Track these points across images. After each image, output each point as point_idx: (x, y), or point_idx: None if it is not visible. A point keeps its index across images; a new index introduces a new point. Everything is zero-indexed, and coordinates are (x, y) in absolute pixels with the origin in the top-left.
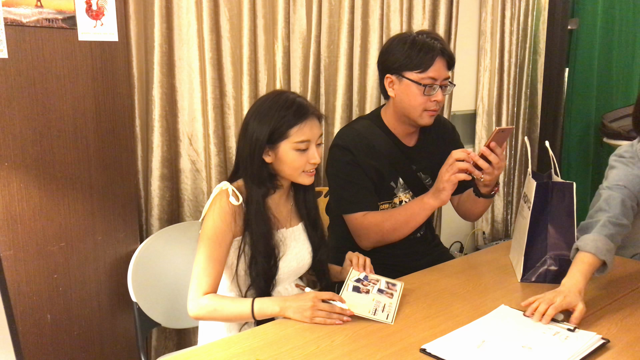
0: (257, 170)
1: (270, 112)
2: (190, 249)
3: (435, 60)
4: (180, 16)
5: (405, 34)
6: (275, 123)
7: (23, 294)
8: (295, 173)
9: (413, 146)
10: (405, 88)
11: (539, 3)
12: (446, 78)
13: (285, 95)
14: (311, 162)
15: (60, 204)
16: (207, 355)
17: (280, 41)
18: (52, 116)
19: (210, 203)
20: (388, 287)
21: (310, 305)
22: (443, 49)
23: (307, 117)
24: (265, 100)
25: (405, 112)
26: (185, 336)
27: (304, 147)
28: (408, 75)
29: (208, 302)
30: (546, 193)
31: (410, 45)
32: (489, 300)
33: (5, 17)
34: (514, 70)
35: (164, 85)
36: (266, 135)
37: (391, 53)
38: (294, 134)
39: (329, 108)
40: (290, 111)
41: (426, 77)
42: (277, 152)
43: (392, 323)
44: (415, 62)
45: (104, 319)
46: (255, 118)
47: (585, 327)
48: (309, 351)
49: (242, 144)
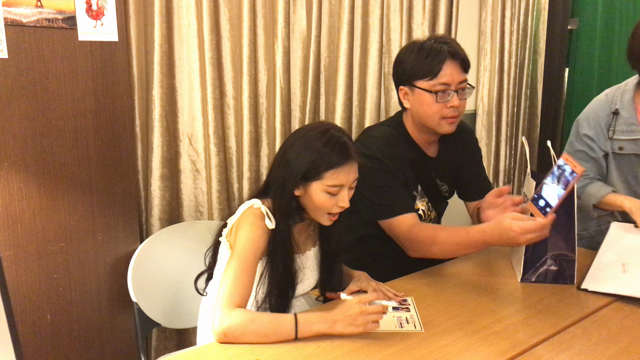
0: (286, 202)
1: (309, 150)
2: (190, 249)
3: (445, 65)
4: (180, 16)
5: (414, 41)
6: (315, 160)
7: (23, 294)
8: (319, 213)
9: (435, 157)
10: (418, 98)
11: (539, 3)
12: (462, 81)
13: (331, 133)
14: (339, 206)
15: (60, 204)
16: (207, 355)
17: (280, 41)
18: (52, 116)
19: (242, 218)
20: (400, 304)
21: (359, 312)
22: (453, 52)
23: (347, 161)
24: (309, 132)
25: (423, 122)
26: (185, 336)
27: (335, 191)
28: (419, 84)
29: (243, 313)
30: None
31: (417, 52)
32: (489, 300)
33: (5, 17)
34: (514, 70)
35: (164, 85)
36: (302, 171)
37: (400, 63)
38: (328, 177)
39: (329, 108)
40: (331, 154)
41: (437, 84)
42: (307, 189)
43: (422, 331)
44: (423, 69)
45: (104, 319)
46: (296, 148)
47: (584, 327)
48: (309, 351)
49: (277, 170)
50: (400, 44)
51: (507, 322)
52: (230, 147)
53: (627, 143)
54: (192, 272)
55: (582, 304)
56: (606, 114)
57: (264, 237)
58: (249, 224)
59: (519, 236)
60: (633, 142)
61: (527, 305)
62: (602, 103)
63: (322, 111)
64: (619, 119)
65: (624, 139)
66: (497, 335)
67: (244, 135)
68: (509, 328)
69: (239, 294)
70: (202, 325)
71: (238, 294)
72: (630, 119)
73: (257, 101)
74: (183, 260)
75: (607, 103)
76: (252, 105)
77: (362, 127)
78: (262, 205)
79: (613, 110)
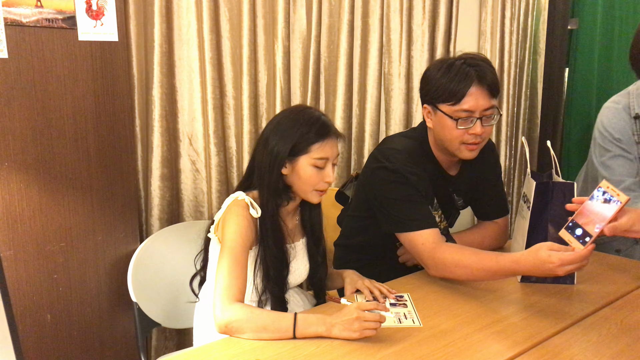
0: (275, 182)
1: (294, 127)
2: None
3: (470, 91)
4: (180, 16)
5: (444, 59)
6: (297, 138)
7: (23, 294)
8: (307, 189)
9: (455, 175)
10: (440, 120)
11: (539, 3)
12: (488, 108)
13: (310, 112)
14: (325, 181)
15: (60, 204)
16: (207, 355)
17: (280, 41)
18: (52, 116)
19: (227, 212)
20: (397, 300)
21: (356, 317)
22: (481, 77)
23: (329, 135)
24: (288, 115)
25: (444, 145)
26: (185, 336)
27: (321, 164)
28: (441, 107)
29: (242, 308)
30: (546, 193)
31: (443, 73)
32: (489, 300)
33: (5, 17)
34: (514, 70)
35: (164, 85)
36: (288, 149)
37: (426, 81)
38: (315, 150)
39: (329, 108)
40: (314, 128)
41: (459, 110)
42: (295, 165)
43: (421, 325)
44: (447, 93)
45: (104, 319)
46: (277, 132)
47: (584, 327)
48: (309, 351)
49: (260, 156)
50: (400, 44)
51: (507, 322)
52: (230, 147)
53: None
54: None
55: (582, 304)
56: (626, 121)
57: (251, 227)
58: (235, 216)
59: (558, 268)
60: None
61: (527, 305)
62: (618, 111)
63: (322, 111)
64: None
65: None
66: (497, 335)
67: (244, 135)
68: (509, 328)
69: (235, 286)
70: (198, 328)
71: (235, 287)
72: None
73: (257, 101)
74: (183, 260)
75: (624, 110)
76: (252, 105)
77: (362, 127)
78: (246, 196)
79: (634, 115)
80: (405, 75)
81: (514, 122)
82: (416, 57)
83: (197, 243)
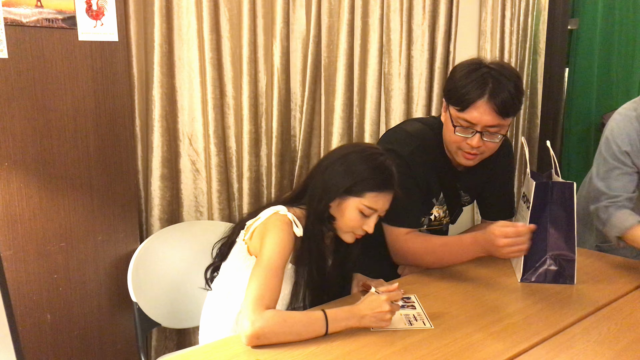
0: (321, 211)
1: (360, 167)
2: (190, 249)
3: (477, 103)
4: (180, 16)
5: (474, 61)
6: (358, 179)
7: (23, 294)
8: (345, 229)
9: (464, 171)
10: (446, 119)
11: (539, 3)
12: (491, 125)
13: (382, 159)
14: (364, 229)
15: (60, 204)
16: (207, 355)
17: (278, 41)
18: (52, 116)
19: (268, 224)
20: (405, 301)
21: (388, 310)
22: (494, 93)
23: (388, 189)
24: (359, 152)
25: (445, 144)
26: (185, 336)
27: (368, 213)
28: (450, 108)
29: (275, 313)
30: (546, 193)
31: (464, 75)
32: (488, 300)
33: (5, 17)
34: None
35: (164, 85)
36: (344, 187)
37: (451, 76)
38: (368, 198)
39: (328, 108)
40: (378, 177)
41: (461, 118)
42: (343, 203)
43: (432, 327)
44: (456, 97)
45: (104, 319)
46: (342, 164)
47: (584, 327)
48: (309, 351)
49: (316, 181)
50: (400, 44)
51: (507, 322)
52: (230, 147)
53: None
54: (192, 272)
55: (582, 304)
56: (636, 130)
57: (291, 244)
58: (278, 230)
59: (497, 239)
60: None
61: (527, 305)
62: (631, 119)
63: (322, 111)
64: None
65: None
66: (497, 334)
67: (243, 135)
68: (509, 328)
69: (269, 297)
70: (206, 321)
71: (268, 297)
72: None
73: (257, 101)
74: (183, 260)
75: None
76: (252, 105)
77: (362, 127)
78: (289, 212)
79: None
80: (405, 75)
81: (514, 122)
82: (416, 57)
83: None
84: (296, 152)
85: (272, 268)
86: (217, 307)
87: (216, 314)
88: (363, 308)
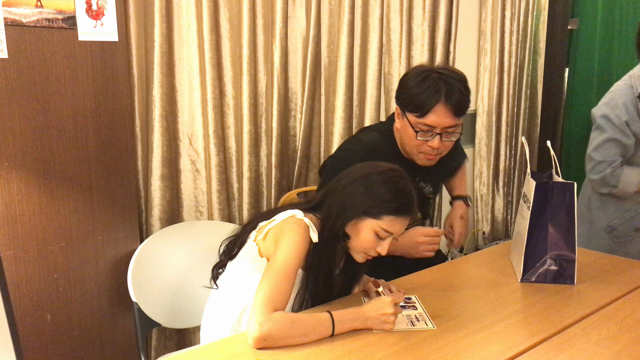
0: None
1: (381, 189)
2: (190, 249)
3: (435, 108)
4: (180, 16)
5: (424, 67)
6: (378, 202)
7: (23, 294)
8: (358, 249)
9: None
10: (404, 126)
11: (539, 3)
12: (450, 126)
13: (404, 183)
14: (377, 250)
15: (60, 204)
16: (207, 355)
17: (278, 41)
18: (52, 116)
19: (284, 227)
20: (406, 302)
21: (392, 312)
22: (448, 96)
23: (406, 215)
24: (382, 173)
25: (405, 148)
26: (185, 336)
27: (384, 236)
28: (408, 115)
29: (283, 315)
30: (546, 193)
31: (418, 83)
32: (488, 300)
33: (5, 17)
34: (514, 70)
35: (164, 85)
36: (363, 209)
37: (402, 85)
38: (386, 222)
39: (329, 108)
40: (399, 202)
41: (422, 123)
42: (359, 223)
43: (435, 328)
44: (414, 104)
45: (104, 319)
46: (363, 183)
47: (584, 327)
48: (309, 351)
49: (335, 198)
50: (400, 44)
51: (507, 322)
52: (230, 147)
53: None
54: (192, 271)
55: (582, 304)
56: (631, 100)
57: (306, 249)
58: (295, 233)
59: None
60: None
61: (527, 305)
62: (624, 90)
63: (322, 111)
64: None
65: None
66: (497, 335)
67: (243, 135)
68: (509, 328)
69: (278, 299)
70: (208, 319)
71: (278, 300)
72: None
73: (256, 101)
74: (183, 260)
75: (629, 89)
76: (251, 105)
77: (362, 127)
78: (305, 217)
79: (637, 95)
80: None
81: (514, 122)
82: (416, 57)
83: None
84: (296, 152)
85: (285, 272)
86: (220, 306)
87: (218, 312)
88: (368, 310)
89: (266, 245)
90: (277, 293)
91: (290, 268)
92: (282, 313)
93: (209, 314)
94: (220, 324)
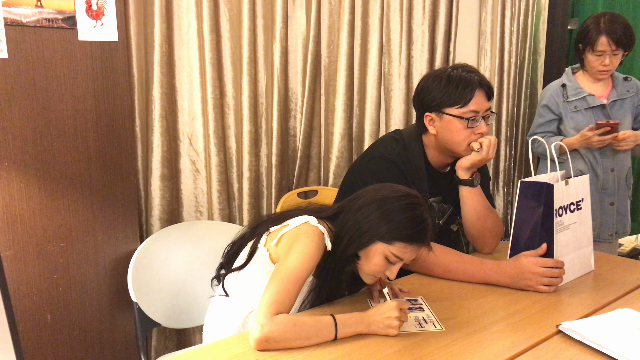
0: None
1: (398, 216)
2: (190, 249)
3: (475, 93)
4: (180, 16)
5: (439, 70)
6: (392, 228)
7: (23, 294)
8: (367, 272)
9: (445, 173)
10: (447, 124)
11: (539, 3)
12: (488, 109)
13: (421, 211)
14: (386, 274)
15: (60, 203)
16: (207, 355)
17: (278, 41)
18: (52, 116)
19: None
20: (412, 304)
21: (397, 316)
22: (481, 81)
23: (422, 243)
24: (400, 199)
25: (450, 148)
26: (185, 336)
27: (394, 261)
28: (449, 112)
29: (285, 318)
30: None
31: (446, 81)
32: (488, 300)
33: (5, 17)
34: (514, 70)
35: (164, 85)
36: (377, 235)
37: (428, 91)
38: (398, 248)
39: (329, 108)
40: (414, 231)
41: (468, 111)
42: (370, 247)
43: (443, 329)
44: (454, 97)
45: (104, 319)
46: (380, 208)
47: None
48: (309, 351)
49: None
50: (400, 44)
51: (507, 321)
52: (230, 147)
53: (578, 102)
54: (192, 271)
55: (582, 304)
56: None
57: (319, 257)
58: (309, 240)
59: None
60: (581, 100)
61: (527, 305)
62: (552, 85)
63: (322, 111)
64: (567, 89)
65: (575, 99)
66: (497, 335)
67: (243, 135)
68: (508, 328)
69: (284, 303)
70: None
71: (283, 303)
72: (573, 86)
73: (256, 101)
74: (183, 260)
75: (556, 83)
76: (251, 105)
77: (362, 127)
78: (322, 227)
79: (561, 84)
80: (405, 75)
81: (514, 122)
82: (416, 57)
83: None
84: (296, 152)
85: (295, 276)
86: (225, 311)
87: (223, 317)
88: (372, 314)
89: (278, 251)
90: (283, 297)
91: (301, 274)
92: (285, 315)
93: (213, 315)
94: (225, 326)
